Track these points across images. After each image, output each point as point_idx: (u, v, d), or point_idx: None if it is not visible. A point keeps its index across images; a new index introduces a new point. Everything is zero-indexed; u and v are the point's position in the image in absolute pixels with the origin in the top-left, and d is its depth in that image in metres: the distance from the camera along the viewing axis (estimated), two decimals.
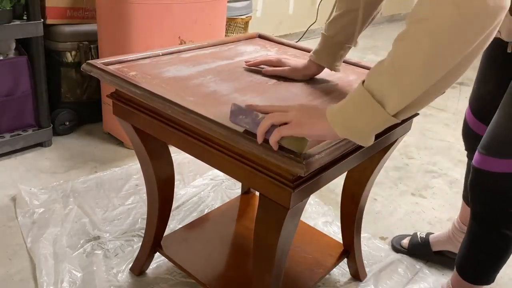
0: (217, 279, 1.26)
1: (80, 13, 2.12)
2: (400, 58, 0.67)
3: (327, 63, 1.13)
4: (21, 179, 1.83)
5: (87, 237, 1.54)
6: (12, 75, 1.90)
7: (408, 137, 2.41)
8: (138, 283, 1.38)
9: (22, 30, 1.84)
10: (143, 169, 1.24)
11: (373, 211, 1.85)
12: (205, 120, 0.86)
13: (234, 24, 2.91)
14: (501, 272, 1.23)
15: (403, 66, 0.66)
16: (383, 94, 0.68)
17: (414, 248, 1.59)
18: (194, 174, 1.95)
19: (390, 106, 0.68)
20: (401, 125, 1.11)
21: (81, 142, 2.16)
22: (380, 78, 0.69)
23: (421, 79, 0.66)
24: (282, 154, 0.77)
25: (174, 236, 1.40)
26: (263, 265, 0.99)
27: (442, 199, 1.97)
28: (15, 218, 1.61)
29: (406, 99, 0.68)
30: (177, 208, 1.72)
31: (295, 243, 1.38)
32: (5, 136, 1.95)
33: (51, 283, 1.34)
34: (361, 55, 3.99)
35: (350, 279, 1.47)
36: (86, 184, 1.81)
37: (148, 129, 1.07)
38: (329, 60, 1.12)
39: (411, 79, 0.66)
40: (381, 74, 0.69)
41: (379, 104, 0.68)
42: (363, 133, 0.71)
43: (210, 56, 1.25)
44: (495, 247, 1.17)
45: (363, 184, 1.27)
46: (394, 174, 2.15)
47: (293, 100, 1.03)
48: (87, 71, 1.07)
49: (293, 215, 0.89)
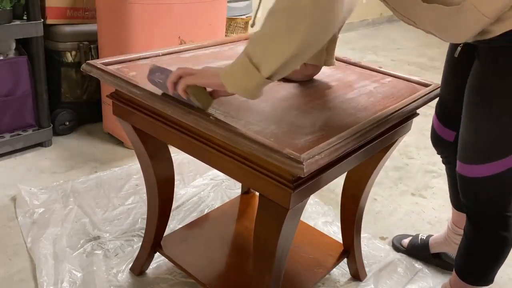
0: (217, 279, 1.26)
1: (80, 13, 2.12)
2: (267, 29, 0.80)
3: (316, 60, 1.13)
4: (21, 179, 1.83)
5: (87, 237, 1.54)
6: (12, 75, 1.90)
7: (408, 137, 2.41)
8: (138, 283, 1.38)
9: (22, 30, 1.84)
10: (143, 169, 1.24)
11: (373, 211, 1.85)
12: (205, 121, 0.86)
13: (234, 24, 2.91)
14: (501, 272, 1.23)
15: (269, 36, 0.80)
16: (258, 60, 0.81)
17: (413, 248, 1.59)
18: (194, 174, 1.95)
19: (264, 70, 0.81)
20: (401, 126, 1.11)
21: (81, 142, 2.16)
22: (255, 46, 0.82)
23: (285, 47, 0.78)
24: (282, 155, 0.77)
25: (174, 236, 1.40)
26: (263, 265, 0.99)
27: (442, 199, 1.97)
28: (15, 218, 1.61)
29: (275, 64, 0.80)
30: (177, 208, 1.72)
31: (295, 243, 1.38)
32: (5, 136, 1.95)
33: (51, 283, 1.34)
34: (361, 55, 4.00)
35: (350, 279, 1.47)
36: (86, 184, 1.81)
37: (148, 129, 1.07)
38: (317, 57, 1.12)
39: (276, 47, 0.79)
40: (255, 43, 0.82)
41: (256, 68, 0.81)
42: (247, 91, 0.85)
43: (210, 56, 1.25)
44: (492, 249, 1.17)
45: (363, 184, 1.27)
46: (394, 174, 2.15)
47: (292, 100, 1.03)
48: (87, 71, 1.07)
49: (293, 215, 0.89)
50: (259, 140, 0.80)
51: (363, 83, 1.17)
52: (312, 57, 1.13)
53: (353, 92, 1.11)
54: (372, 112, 1.00)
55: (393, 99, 1.08)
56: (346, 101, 1.05)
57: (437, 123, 1.34)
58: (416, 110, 1.09)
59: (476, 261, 1.21)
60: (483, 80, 1.01)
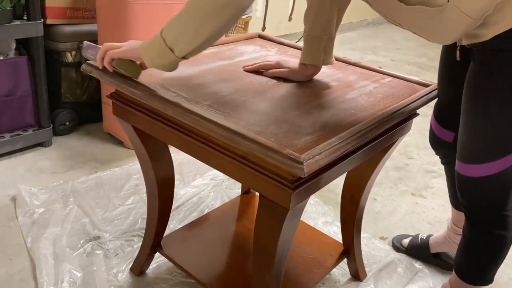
0: (217, 279, 1.26)
1: (80, 13, 2.12)
2: (183, 15, 0.89)
3: (314, 60, 1.13)
4: (21, 179, 1.83)
5: (87, 237, 1.54)
6: (12, 75, 1.90)
7: (408, 137, 2.41)
8: (138, 283, 1.38)
9: (22, 30, 1.84)
10: (143, 169, 1.24)
11: (373, 211, 1.85)
12: (205, 121, 0.86)
13: None
14: (500, 272, 1.24)
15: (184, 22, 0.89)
16: (172, 42, 0.90)
17: (413, 248, 1.59)
18: (194, 174, 1.95)
19: (177, 51, 0.90)
20: (401, 126, 1.11)
21: (81, 142, 2.16)
22: (169, 30, 0.90)
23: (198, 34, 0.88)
24: (283, 155, 0.77)
25: (174, 236, 1.40)
26: (263, 265, 0.99)
27: (442, 199, 1.97)
28: (15, 218, 1.61)
29: (187, 47, 0.89)
30: (177, 208, 1.72)
31: (295, 243, 1.38)
32: (5, 136, 1.95)
33: (51, 283, 1.34)
34: (361, 55, 4.00)
35: (350, 279, 1.48)
36: (86, 184, 1.81)
37: (148, 129, 1.07)
38: (315, 56, 1.13)
39: (189, 33, 0.88)
40: (171, 27, 0.90)
41: (170, 50, 0.90)
42: (164, 67, 0.94)
43: (210, 56, 1.25)
44: (491, 248, 1.17)
45: (363, 184, 1.27)
46: (394, 174, 2.15)
47: (292, 100, 1.03)
48: (87, 71, 1.07)
49: (293, 215, 0.89)
50: (259, 140, 0.80)
51: (363, 83, 1.17)
52: (310, 57, 1.13)
53: (353, 92, 1.11)
54: (372, 112, 1.00)
55: (393, 99, 1.08)
56: (346, 101, 1.05)
57: (435, 124, 1.34)
58: (416, 110, 1.09)
59: (475, 261, 1.21)
60: (479, 80, 1.01)
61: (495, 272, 1.21)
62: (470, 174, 1.08)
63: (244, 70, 1.18)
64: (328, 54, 1.14)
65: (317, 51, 1.13)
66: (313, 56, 1.13)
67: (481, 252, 1.19)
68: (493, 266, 1.20)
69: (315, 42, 1.12)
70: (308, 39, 1.14)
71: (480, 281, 1.22)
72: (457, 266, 1.25)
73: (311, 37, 1.13)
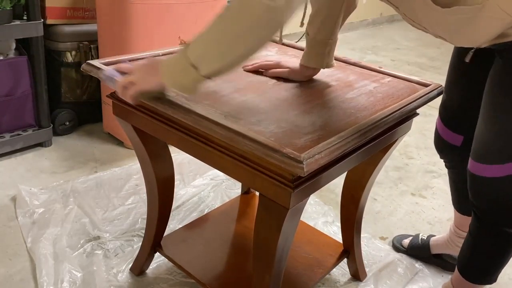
0: (217, 279, 1.26)
1: (80, 13, 2.12)
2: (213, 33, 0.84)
3: (317, 63, 1.14)
4: (21, 179, 1.83)
5: (87, 237, 1.54)
6: (12, 75, 1.90)
7: (408, 137, 2.41)
8: (138, 283, 1.38)
9: (22, 30, 1.84)
10: (143, 169, 1.24)
11: (373, 211, 1.85)
12: (205, 120, 0.86)
13: None
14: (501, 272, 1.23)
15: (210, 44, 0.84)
16: (197, 61, 0.84)
17: (413, 248, 1.59)
18: (194, 174, 1.95)
19: (203, 71, 0.85)
20: (401, 125, 1.11)
21: (81, 142, 2.16)
22: (196, 49, 0.85)
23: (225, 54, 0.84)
24: (282, 155, 0.77)
25: (174, 236, 1.40)
26: (263, 265, 0.99)
27: (442, 199, 1.97)
28: (15, 218, 1.61)
29: (214, 66, 0.85)
30: (177, 208, 1.72)
31: (295, 243, 1.38)
32: (5, 136, 1.95)
33: (51, 283, 1.34)
34: (361, 55, 4.00)
35: (350, 279, 1.47)
36: (86, 184, 1.81)
37: (148, 129, 1.07)
38: (318, 60, 1.13)
39: (215, 53, 0.84)
40: (196, 47, 0.85)
41: (194, 69, 0.84)
42: (185, 88, 0.88)
43: None
44: (498, 247, 1.17)
45: (363, 184, 1.27)
46: (394, 174, 2.15)
47: (292, 100, 1.03)
48: (87, 71, 1.07)
49: (293, 215, 0.89)
50: (259, 140, 0.80)
51: (363, 83, 1.17)
52: (314, 61, 1.13)
53: (353, 92, 1.11)
54: (372, 112, 1.00)
55: (393, 99, 1.08)
56: (346, 101, 1.05)
57: (442, 127, 1.33)
58: (416, 110, 1.09)
59: (481, 259, 1.20)
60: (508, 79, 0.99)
61: (499, 271, 1.21)
62: (486, 174, 1.07)
63: (244, 70, 1.18)
64: (329, 57, 1.14)
65: (321, 55, 1.13)
66: (317, 59, 1.13)
67: (488, 252, 1.18)
68: (498, 265, 1.19)
69: (320, 46, 1.12)
70: (312, 43, 1.13)
71: (484, 280, 1.22)
72: (460, 264, 1.25)
73: (316, 42, 1.12)
